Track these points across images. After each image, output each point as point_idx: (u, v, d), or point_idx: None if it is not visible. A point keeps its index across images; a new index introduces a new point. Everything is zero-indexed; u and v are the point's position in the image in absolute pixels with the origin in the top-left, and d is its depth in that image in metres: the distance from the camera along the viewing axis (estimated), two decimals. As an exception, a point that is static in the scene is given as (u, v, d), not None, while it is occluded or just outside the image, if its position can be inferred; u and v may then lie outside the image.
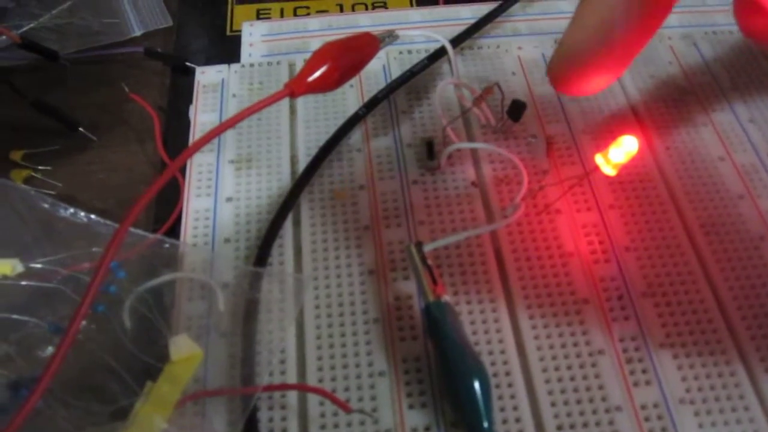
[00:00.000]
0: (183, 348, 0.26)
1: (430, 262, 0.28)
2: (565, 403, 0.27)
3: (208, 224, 0.32)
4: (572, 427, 0.26)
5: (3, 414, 0.25)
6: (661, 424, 0.26)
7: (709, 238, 0.31)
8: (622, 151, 0.29)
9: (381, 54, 0.35)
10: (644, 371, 0.27)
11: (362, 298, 0.29)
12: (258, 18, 0.43)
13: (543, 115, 0.35)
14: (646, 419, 0.26)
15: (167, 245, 0.30)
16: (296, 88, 0.28)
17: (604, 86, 0.28)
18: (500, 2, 0.40)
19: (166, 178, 0.25)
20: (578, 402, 0.27)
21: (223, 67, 0.38)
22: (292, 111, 0.36)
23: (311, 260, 0.30)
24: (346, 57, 0.29)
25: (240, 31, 0.41)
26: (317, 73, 0.28)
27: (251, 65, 0.38)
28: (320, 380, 0.27)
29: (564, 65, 0.27)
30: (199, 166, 0.34)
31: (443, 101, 0.35)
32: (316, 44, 0.39)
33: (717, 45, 0.39)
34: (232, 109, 0.36)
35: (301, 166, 0.34)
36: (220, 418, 0.26)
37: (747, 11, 0.27)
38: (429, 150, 0.34)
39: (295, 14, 0.43)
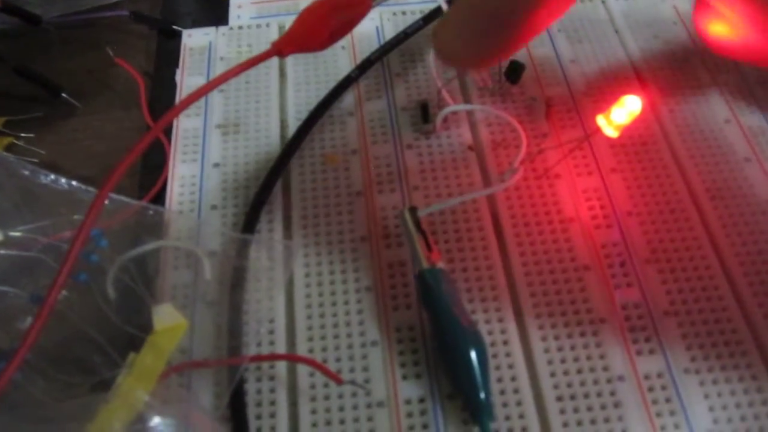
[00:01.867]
0: (167, 318, 0.25)
1: (424, 227, 0.27)
2: (565, 373, 0.26)
3: (194, 191, 0.31)
4: (572, 397, 0.25)
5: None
6: (665, 394, 0.25)
7: (715, 202, 0.30)
8: (624, 111, 0.28)
9: (374, 15, 0.34)
10: (647, 339, 0.26)
11: (354, 266, 0.28)
12: (247, -21, 0.41)
13: (542, 76, 0.34)
14: (650, 389, 0.25)
15: (152, 212, 0.29)
16: (284, 47, 0.27)
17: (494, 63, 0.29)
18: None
19: (148, 139, 0.24)
20: (579, 372, 0.26)
21: (211, 29, 0.37)
22: (282, 74, 0.35)
23: (301, 227, 0.29)
24: (336, 15, 0.28)
25: (228, -8, 0.40)
26: (305, 31, 0.27)
27: (239, 28, 0.37)
28: (310, 350, 0.26)
29: (451, 38, 0.25)
30: (185, 131, 0.33)
31: (438, 63, 0.34)
32: (306, 5, 0.38)
33: (723, 4, 0.37)
34: (219, 73, 0.35)
35: (291, 130, 0.32)
36: (206, 390, 0.25)
37: (706, 18, 0.27)
38: (424, 113, 0.32)
39: (285, -25, 0.41)
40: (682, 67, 0.34)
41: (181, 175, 0.31)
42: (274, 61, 0.32)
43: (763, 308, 0.27)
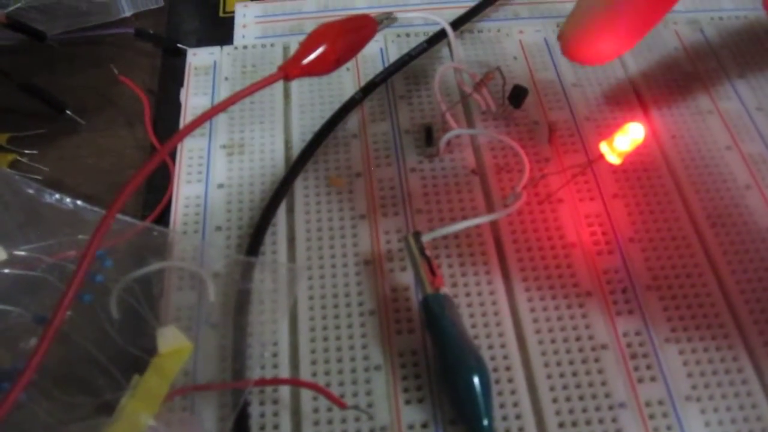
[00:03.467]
0: (171, 340, 0.25)
1: (428, 252, 0.27)
2: (567, 399, 0.26)
3: (198, 211, 0.31)
4: (574, 424, 0.25)
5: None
6: (667, 421, 0.25)
7: (716, 229, 0.30)
8: (627, 138, 0.28)
9: (378, 37, 0.34)
10: (649, 367, 0.26)
11: (358, 290, 0.28)
12: (252, -1, 0.41)
13: (545, 101, 0.34)
14: (651, 416, 0.25)
15: (156, 233, 0.29)
16: (290, 70, 0.27)
17: (613, 57, 0.29)
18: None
19: (155, 162, 0.24)
20: (581, 398, 0.26)
21: (216, 49, 0.37)
22: (287, 95, 0.35)
23: (305, 249, 0.29)
24: (343, 39, 0.28)
25: (233, 12, 0.40)
26: (312, 56, 0.27)
27: (244, 47, 0.37)
28: (314, 374, 0.26)
29: (573, 31, 0.27)
30: (189, 152, 0.33)
31: (442, 86, 0.34)
32: (311, 26, 0.37)
33: (724, 31, 0.38)
34: (224, 93, 0.35)
35: (296, 152, 0.32)
36: (210, 413, 0.25)
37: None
38: (428, 136, 0.33)
39: (290, -5, 0.41)
40: (683, 93, 0.35)
41: (186, 196, 0.31)
42: (279, 82, 0.32)
43: (763, 336, 0.27)
